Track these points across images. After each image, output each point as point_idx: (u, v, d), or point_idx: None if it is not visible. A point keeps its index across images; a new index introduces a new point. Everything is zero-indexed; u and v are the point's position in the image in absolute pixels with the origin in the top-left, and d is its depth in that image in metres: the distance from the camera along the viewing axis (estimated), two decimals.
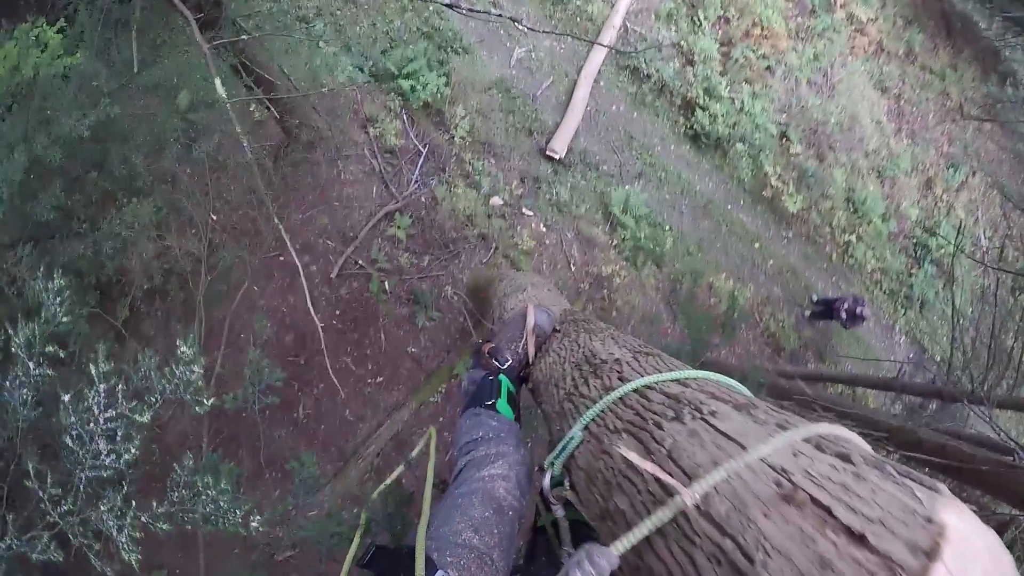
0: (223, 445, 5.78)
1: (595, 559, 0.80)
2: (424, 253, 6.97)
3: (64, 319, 1.98)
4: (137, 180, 4.25)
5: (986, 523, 0.58)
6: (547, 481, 1.30)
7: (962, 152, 10.66)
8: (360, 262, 6.79)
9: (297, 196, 6.87)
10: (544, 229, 7.34)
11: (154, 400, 1.97)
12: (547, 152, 7.51)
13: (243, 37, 4.16)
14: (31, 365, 1.88)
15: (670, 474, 0.84)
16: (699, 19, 8.75)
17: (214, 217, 4.97)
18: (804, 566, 0.59)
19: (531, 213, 7.30)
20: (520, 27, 7.71)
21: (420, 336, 6.85)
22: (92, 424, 1.81)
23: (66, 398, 1.81)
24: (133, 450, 1.86)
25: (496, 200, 7.19)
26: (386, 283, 6.76)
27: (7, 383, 1.91)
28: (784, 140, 8.90)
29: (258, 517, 2.06)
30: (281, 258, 6.63)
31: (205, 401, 2.08)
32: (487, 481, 1.29)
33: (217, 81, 2.72)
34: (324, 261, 6.82)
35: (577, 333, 1.69)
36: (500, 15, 3.82)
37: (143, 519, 1.87)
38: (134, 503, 1.86)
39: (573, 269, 7.30)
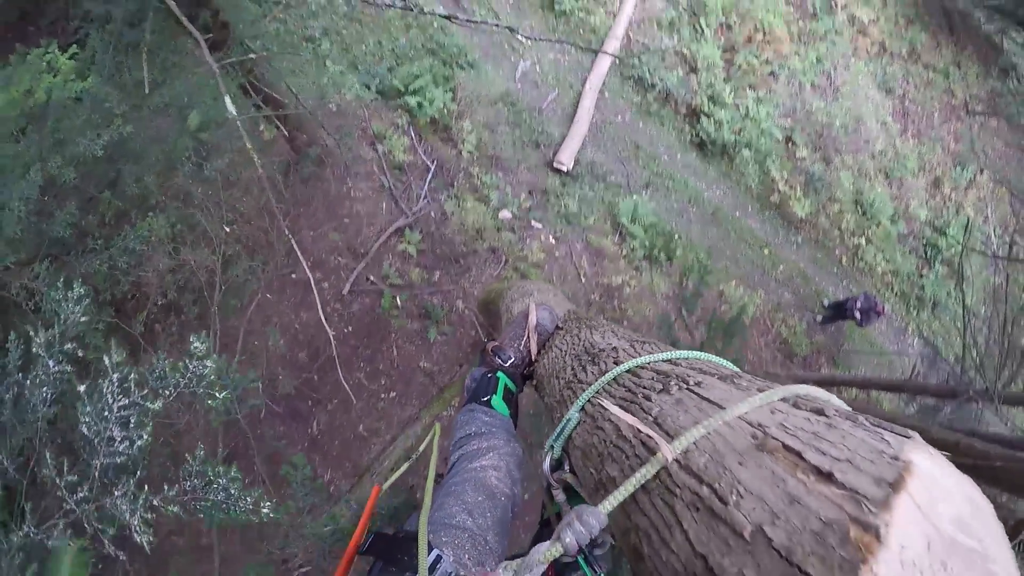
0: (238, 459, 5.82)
1: (585, 518, 0.84)
2: (434, 268, 7.02)
3: (83, 318, 2.03)
4: (150, 198, 4.31)
5: (1005, 526, 0.58)
6: (547, 464, 1.36)
7: (969, 150, 10.61)
8: (371, 278, 6.84)
9: (307, 213, 6.92)
10: (553, 241, 7.38)
11: (168, 393, 2.02)
12: (554, 164, 7.55)
13: (251, 56, 4.21)
14: (51, 363, 1.93)
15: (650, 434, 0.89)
16: (701, 27, 8.77)
17: (227, 229, 5.00)
18: (774, 503, 0.61)
19: (540, 225, 7.34)
20: (518, 36, 7.74)
21: (432, 350, 6.89)
22: (107, 412, 1.86)
23: (82, 388, 1.87)
24: (145, 436, 1.92)
25: (505, 213, 7.23)
26: (397, 298, 6.80)
27: (28, 382, 1.97)
28: (790, 144, 8.90)
29: (268, 503, 2.09)
30: (293, 275, 6.69)
31: (217, 395, 2.11)
32: (478, 471, 1.34)
33: (227, 98, 2.76)
34: (336, 277, 6.87)
35: (579, 329, 1.75)
36: (497, 24, 3.91)
37: (155, 502, 1.92)
38: (146, 487, 1.91)
39: (583, 280, 7.33)
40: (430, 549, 1.01)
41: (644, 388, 1.07)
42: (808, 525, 0.55)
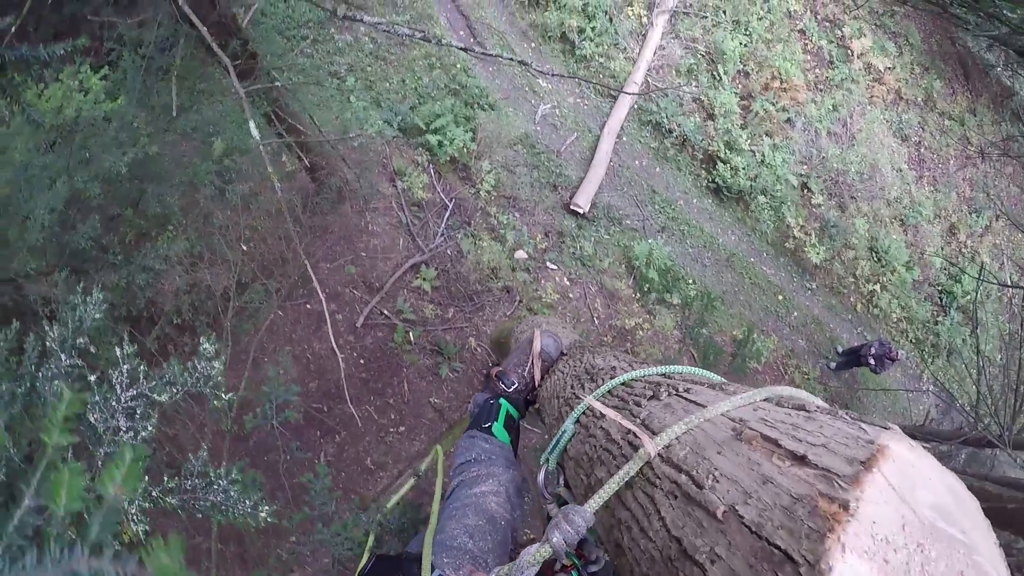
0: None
1: (571, 517, 0.86)
2: (449, 305, 7.06)
3: (97, 315, 2.07)
4: (171, 219, 4.39)
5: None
6: (542, 477, 1.37)
7: (984, 196, 10.60)
8: (385, 312, 6.89)
9: (324, 245, 7.02)
10: (568, 283, 7.42)
11: (175, 391, 2.04)
12: (571, 206, 7.63)
13: (277, 84, 4.33)
14: (63, 357, 1.97)
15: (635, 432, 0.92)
16: (719, 74, 8.93)
17: (244, 248, 5.07)
18: (748, 485, 0.63)
19: (555, 267, 7.39)
20: (531, 71, 7.89)
21: (443, 387, 6.88)
22: (114, 402, 1.88)
23: (92, 378, 1.90)
24: (150, 428, 1.93)
25: (521, 253, 7.29)
26: (410, 333, 6.84)
27: (40, 374, 2.00)
28: (805, 191, 8.94)
29: (267, 508, 2.09)
30: (308, 305, 6.76)
31: (223, 395, 2.13)
32: (478, 497, 1.35)
33: (251, 123, 2.83)
34: (350, 310, 6.93)
35: (582, 354, 1.78)
36: (511, 58, 4.07)
37: (153, 493, 1.93)
38: (146, 477, 1.93)
39: (596, 322, 7.34)
40: (432, 569, 1.04)
41: (635, 396, 1.10)
42: (779, 502, 0.57)
